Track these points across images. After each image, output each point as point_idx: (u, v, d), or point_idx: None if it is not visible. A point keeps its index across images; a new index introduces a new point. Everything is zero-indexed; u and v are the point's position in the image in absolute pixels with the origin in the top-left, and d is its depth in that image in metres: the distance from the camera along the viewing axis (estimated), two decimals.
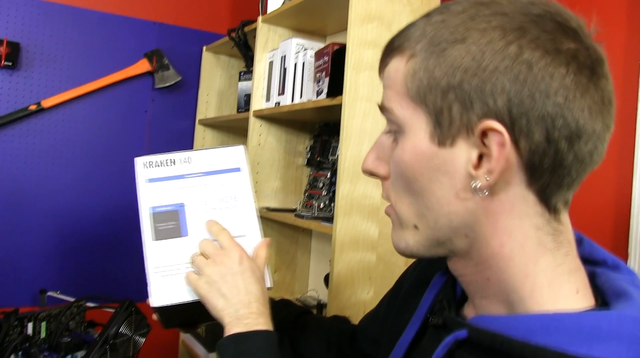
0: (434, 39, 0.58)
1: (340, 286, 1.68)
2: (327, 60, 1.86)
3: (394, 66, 0.62)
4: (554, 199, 0.58)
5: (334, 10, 2.02)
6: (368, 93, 1.70)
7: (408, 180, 0.61)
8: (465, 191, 0.58)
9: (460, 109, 0.56)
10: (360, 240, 1.70)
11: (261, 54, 2.30)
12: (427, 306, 0.75)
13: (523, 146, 0.55)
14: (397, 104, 0.61)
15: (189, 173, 0.98)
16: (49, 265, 2.53)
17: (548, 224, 0.58)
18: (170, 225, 0.94)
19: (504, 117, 0.54)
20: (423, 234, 0.62)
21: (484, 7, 0.57)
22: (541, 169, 0.55)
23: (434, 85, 0.57)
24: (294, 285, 2.41)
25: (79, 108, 2.59)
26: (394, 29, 1.71)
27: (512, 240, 0.58)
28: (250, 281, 0.89)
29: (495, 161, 0.55)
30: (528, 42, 0.54)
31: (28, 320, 1.77)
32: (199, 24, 2.88)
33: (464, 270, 0.64)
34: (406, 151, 0.60)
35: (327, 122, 2.27)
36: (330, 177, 2.16)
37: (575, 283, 0.59)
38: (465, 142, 0.57)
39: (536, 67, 0.53)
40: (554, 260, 0.58)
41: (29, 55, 2.48)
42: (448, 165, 0.58)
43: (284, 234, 2.37)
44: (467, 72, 0.55)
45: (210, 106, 2.91)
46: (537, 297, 0.58)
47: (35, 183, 2.51)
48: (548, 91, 0.53)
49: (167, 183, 0.97)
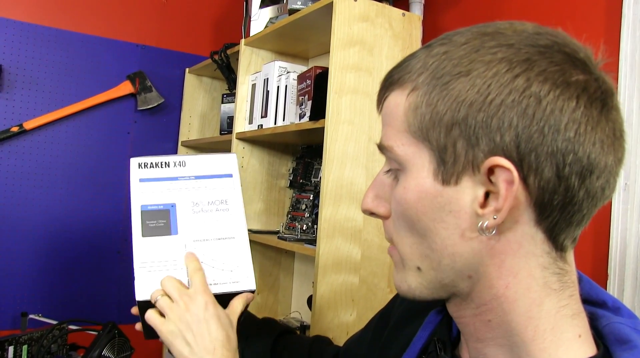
0: (437, 72, 0.55)
1: (323, 308, 1.69)
2: (310, 83, 1.88)
3: (393, 100, 0.60)
4: (562, 237, 0.56)
5: (316, 34, 2.05)
6: (350, 117, 1.72)
7: (411, 220, 0.59)
8: (471, 230, 0.55)
9: (465, 146, 0.53)
10: (342, 263, 1.71)
11: (244, 77, 2.32)
12: (421, 345, 0.73)
13: (532, 183, 0.52)
14: (397, 142, 0.58)
15: (182, 175, 1.00)
16: (30, 287, 2.50)
17: (554, 263, 0.56)
18: (159, 223, 0.96)
19: (512, 154, 0.52)
20: (426, 276, 0.60)
21: (489, 38, 0.55)
22: (551, 206, 0.53)
23: (437, 120, 0.55)
24: (277, 307, 2.41)
25: (62, 130, 2.58)
26: (376, 53, 1.76)
27: (517, 280, 0.56)
28: (216, 327, 0.86)
29: (503, 200, 0.52)
30: (536, 74, 0.52)
31: (9, 344, 1.76)
32: (181, 46, 2.89)
33: (464, 311, 0.61)
34: (408, 190, 0.58)
35: (310, 144, 2.29)
36: (313, 199, 2.17)
37: (578, 327, 0.57)
38: (471, 180, 0.54)
39: (545, 100, 0.51)
40: (558, 301, 0.56)
41: (11, 77, 2.47)
42: (453, 204, 0.55)
43: (267, 256, 2.37)
44: (472, 106, 0.53)
45: (193, 128, 2.91)
46: (539, 342, 0.56)
47: (17, 205, 2.49)
48: (558, 125, 0.51)
49: (159, 183, 0.98)
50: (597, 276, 1.48)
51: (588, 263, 1.51)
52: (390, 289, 1.80)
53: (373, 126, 1.76)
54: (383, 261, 1.79)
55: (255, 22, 2.27)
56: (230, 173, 1.03)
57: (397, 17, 1.84)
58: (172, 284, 0.89)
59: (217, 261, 0.96)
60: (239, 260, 0.97)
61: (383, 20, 1.80)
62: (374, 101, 1.80)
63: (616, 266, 1.45)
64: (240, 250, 0.98)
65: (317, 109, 1.76)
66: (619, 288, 1.44)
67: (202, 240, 0.97)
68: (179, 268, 0.93)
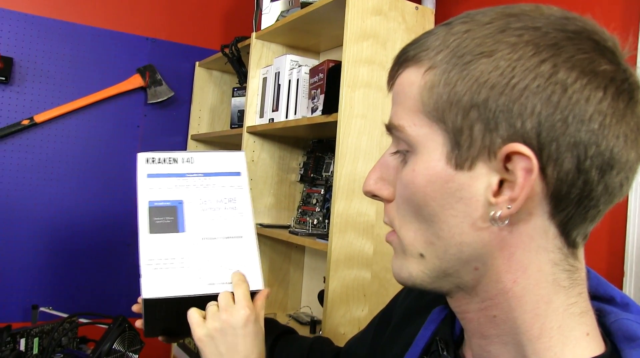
0: (457, 50, 0.52)
1: (335, 303, 1.68)
2: (323, 77, 1.87)
3: (407, 77, 0.56)
4: (575, 233, 0.53)
5: (328, 28, 2.04)
6: (363, 111, 1.71)
7: (417, 205, 0.55)
8: (482, 220, 0.52)
9: (482, 130, 0.51)
10: (355, 257, 1.71)
11: (255, 71, 2.31)
12: (423, 345, 0.71)
13: (550, 173, 0.50)
14: (409, 122, 0.55)
15: (190, 172, 0.99)
16: (40, 280, 2.51)
17: (565, 260, 0.54)
18: (167, 220, 0.94)
19: (532, 142, 0.49)
20: (429, 264, 0.57)
21: (515, 19, 0.52)
22: (567, 199, 0.51)
23: (455, 101, 0.52)
24: (286, 302, 2.41)
25: (72, 123, 2.58)
26: (389, 47, 1.75)
27: (526, 276, 0.53)
28: (251, 345, 0.86)
29: (520, 189, 0.50)
30: (563, 61, 0.49)
31: (20, 336, 1.76)
32: (191, 39, 2.88)
33: (467, 306, 0.59)
34: (418, 173, 0.55)
35: (321, 138, 2.28)
36: (324, 193, 2.16)
37: (586, 325, 0.55)
38: (486, 166, 0.51)
39: (571, 89, 0.49)
40: (566, 299, 0.54)
41: (22, 70, 2.48)
42: (464, 190, 0.52)
43: (277, 250, 2.36)
44: (493, 89, 0.50)
45: (203, 121, 2.91)
46: (545, 340, 0.54)
47: (27, 198, 2.49)
48: (583, 115, 0.49)
49: (167, 179, 0.97)
50: (613, 273, 1.47)
51: (604, 260, 1.50)
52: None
53: (386, 120, 1.75)
54: None
55: (266, 15, 2.26)
56: (239, 171, 1.02)
57: (410, 11, 1.83)
58: (224, 295, 0.90)
59: (225, 260, 0.95)
60: (247, 259, 0.96)
61: (396, 13, 1.79)
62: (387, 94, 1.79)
63: (632, 264, 1.44)
64: (249, 249, 0.97)
65: (330, 103, 1.76)
66: (636, 285, 1.42)
67: (210, 238, 0.95)
68: (186, 266, 0.92)
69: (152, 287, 0.90)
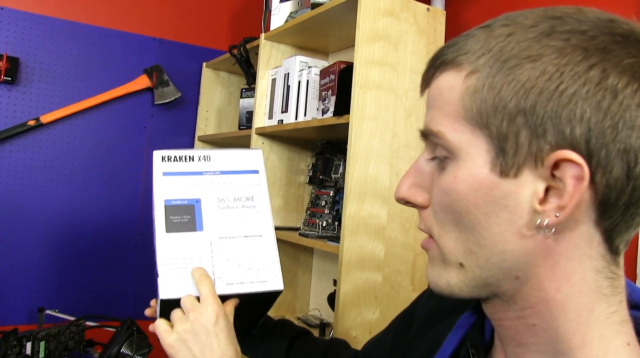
0: (501, 54, 0.51)
1: (347, 306, 1.67)
2: (334, 78, 1.86)
3: (446, 82, 0.55)
4: (619, 240, 0.53)
5: (338, 29, 2.03)
6: (375, 112, 1.70)
7: (458, 213, 0.54)
8: (527, 228, 0.51)
9: (529, 136, 0.50)
10: (366, 260, 1.69)
11: (264, 72, 2.30)
12: (451, 350, 0.69)
13: (599, 181, 0.49)
14: (449, 128, 0.54)
15: (207, 170, 0.97)
16: (46, 282, 2.50)
17: (607, 267, 0.53)
18: (184, 219, 0.93)
19: (581, 148, 0.48)
20: (469, 273, 0.56)
21: (560, 22, 0.51)
22: (615, 207, 0.50)
23: (501, 106, 0.51)
24: (295, 304, 2.39)
25: (78, 124, 2.57)
26: (401, 49, 1.74)
27: (570, 284, 0.52)
28: (226, 342, 0.83)
29: (569, 196, 0.49)
30: (613, 65, 0.48)
31: (27, 340, 1.75)
32: (199, 40, 2.87)
33: (505, 313, 0.57)
34: (460, 180, 0.54)
35: (330, 140, 2.27)
36: (333, 195, 2.15)
37: (626, 334, 0.54)
38: (532, 173, 0.50)
39: (622, 94, 0.48)
40: (608, 307, 0.53)
41: (29, 70, 2.47)
42: (510, 198, 0.51)
43: (286, 252, 2.35)
44: (541, 94, 0.49)
45: (210, 122, 2.90)
46: (587, 349, 0.52)
47: (34, 199, 2.48)
48: (634, 121, 0.48)
49: (183, 177, 0.96)
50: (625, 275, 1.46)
51: None
52: (414, 287, 1.78)
53: (398, 122, 1.74)
54: (407, 259, 1.76)
55: (275, 16, 2.25)
56: (257, 169, 1.00)
57: (421, 12, 1.81)
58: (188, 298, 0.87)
59: (244, 260, 0.93)
60: (267, 258, 0.94)
61: (408, 15, 1.78)
62: (399, 96, 1.78)
63: None
64: (268, 248, 0.95)
65: (341, 105, 1.74)
66: None
67: (228, 237, 0.94)
68: (205, 266, 0.90)
69: (170, 288, 0.88)
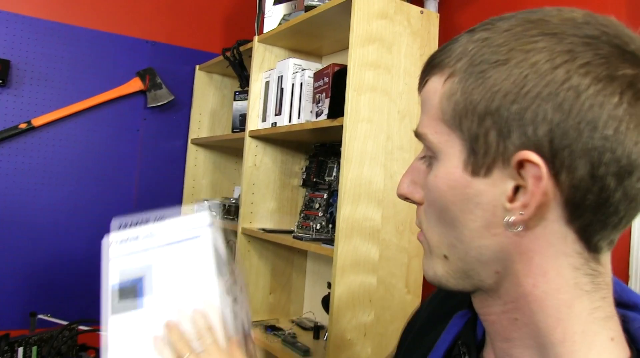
0: (475, 59, 0.53)
1: (341, 309, 1.66)
2: (328, 81, 1.85)
3: (432, 85, 0.58)
4: (597, 238, 0.53)
5: (332, 31, 2.03)
6: (369, 115, 1.69)
7: (440, 209, 0.58)
8: (497, 225, 0.54)
9: (496, 137, 0.51)
10: (361, 263, 1.69)
11: (257, 74, 2.29)
12: (445, 349, 0.71)
13: (564, 180, 0.50)
14: (431, 130, 0.57)
15: (151, 246, 0.94)
16: (39, 287, 2.48)
17: (586, 264, 0.54)
18: (130, 298, 0.90)
19: (544, 149, 0.50)
20: (452, 265, 0.59)
21: (532, 25, 0.52)
22: (583, 206, 0.51)
23: (471, 109, 0.53)
24: (289, 307, 2.38)
25: (70, 127, 2.55)
26: (395, 51, 1.74)
27: (546, 280, 0.54)
28: None
29: (531, 195, 0.51)
30: (577, 67, 0.49)
31: (19, 345, 1.74)
32: (192, 43, 2.86)
33: (490, 308, 0.59)
34: (439, 179, 0.57)
35: (324, 143, 2.26)
36: (327, 198, 2.15)
37: (611, 330, 0.55)
38: (501, 172, 0.52)
39: (584, 95, 0.48)
40: (590, 303, 0.54)
41: (20, 73, 2.45)
42: (481, 196, 0.54)
43: (280, 255, 2.34)
44: (506, 97, 0.51)
45: (203, 125, 2.89)
46: (569, 344, 0.53)
47: (25, 202, 2.46)
48: (596, 122, 0.48)
49: (129, 257, 0.93)
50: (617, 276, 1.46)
51: None
52: (408, 290, 1.78)
53: (392, 124, 1.74)
54: (401, 261, 1.76)
55: (268, 18, 2.25)
56: (198, 235, 0.94)
57: (415, 15, 1.81)
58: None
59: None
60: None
61: (402, 17, 1.78)
62: (393, 99, 1.78)
63: (637, 268, 1.42)
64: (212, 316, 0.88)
65: (335, 107, 1.74)
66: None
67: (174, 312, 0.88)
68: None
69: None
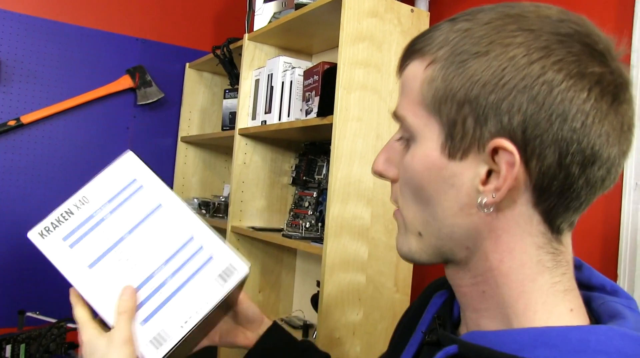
0: (456, 48, 0.57)
1: (330, 307, 1.67)
2: (317, 79, 1.85)
3: (412, 70, 0.61)
4: (559, 220, 0.58)
5: (322, 30, 2.03)
6: (359, 113, 1.70)
7: (415, 188, 0.61)
8: (471, 206, 0.58)
9: (473, 124, 0.55)
10: (350, 261, 1.69)
11: (247, 72, 2.29)
12: (426, 326, 0.75)
13: (533, 167, 0.54)
14: (410, 113, 0.60)
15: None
16: (27, 284, 2.47)
17: (549, 243, 0.58)
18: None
19: (517, 137, 0.54)
20: (426, 242, 0.63)
21: (512, 20, 0.56)
22: (549, 191, 0.55)
23: (450, 96, 0.56)
24: (278, 305, 2.38)
25: (60, 124, 2.54)
26: (385, 49, 1.74)
27: (512, 256, 0.58)
28: None
29: (503, 180, 0.55)
30: (552, 63, 0.53)
31: (7, 343, 1.73)
32: (182, 40, 2.86)
33: (461, 280, 0.63)
34: (416, 159, 0.60)
35: (313, 141, 2.27)
36: (317, 196, 2.15)
37: (570, 302, 0.59)
38: (476, 157, 0.56)
39: (557, 89, 0.52)
40: (551, 278, 0.58)
41: (9, 70, 2.44)
42: (456, 178, 0.58)
43: (269, 253, 2.34)
44: (485, 86, 0.54)
45: (193, 123, 2.88)
46: (530, 314, 0.58)
47: (14, 199, 2.45)
48: (566, 115, 0.53)
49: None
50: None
51: (597, 262, 1.50)
52: (397, 288, 1.78)
53: (382, 123, 1.74)
54: (390, 260, 1.77)
55: (259, 16, 2.24)
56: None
57: (406, 13, 1.82)
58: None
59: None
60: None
61: (392, 16, 1.78)
62: (383, 97, 1.79)
63: (626, 266, 1.43)
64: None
65: (325, 105, 1.74)
66: (629, 288, 1.42)
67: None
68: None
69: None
